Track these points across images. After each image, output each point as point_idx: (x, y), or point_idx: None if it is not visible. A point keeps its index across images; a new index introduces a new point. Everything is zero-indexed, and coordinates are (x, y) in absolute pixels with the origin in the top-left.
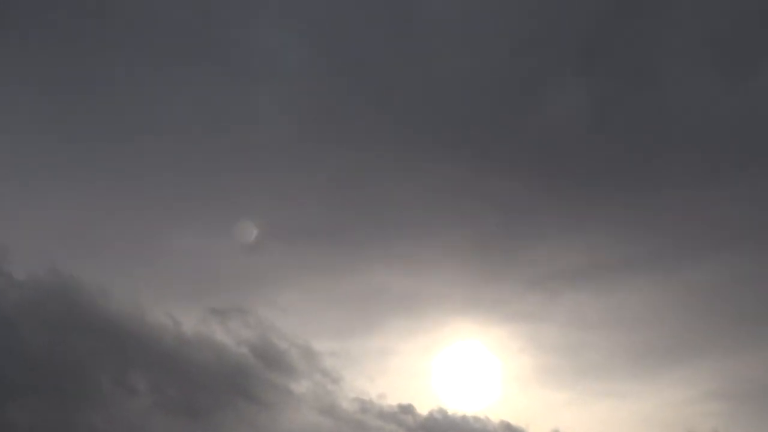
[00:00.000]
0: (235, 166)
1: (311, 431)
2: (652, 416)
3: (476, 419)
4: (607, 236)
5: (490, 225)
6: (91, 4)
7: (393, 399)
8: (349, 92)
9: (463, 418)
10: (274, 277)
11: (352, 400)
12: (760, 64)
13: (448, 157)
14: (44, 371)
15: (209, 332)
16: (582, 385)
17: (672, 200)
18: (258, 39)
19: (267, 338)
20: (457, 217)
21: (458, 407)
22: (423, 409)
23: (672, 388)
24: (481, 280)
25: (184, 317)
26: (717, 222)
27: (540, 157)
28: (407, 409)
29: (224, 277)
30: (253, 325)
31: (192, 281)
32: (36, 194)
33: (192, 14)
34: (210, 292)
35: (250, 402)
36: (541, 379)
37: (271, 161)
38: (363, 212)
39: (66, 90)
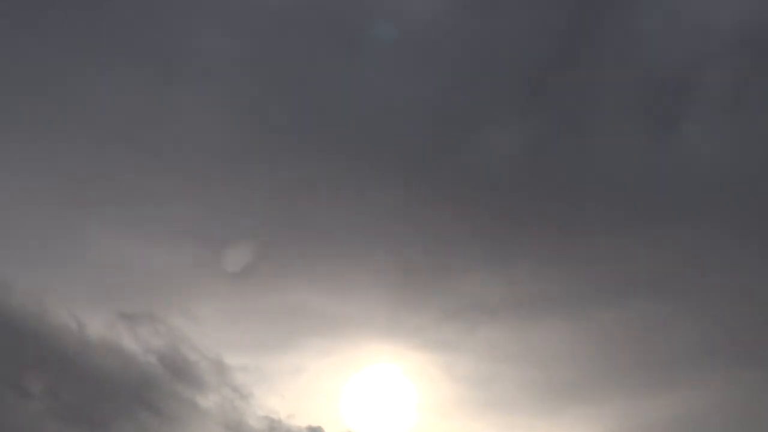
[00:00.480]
0: (161, 169)
1: None
2: None
3: None
4: (528, 274)
5: (417, 252)
6: None
7: (303, 420)
8: (285, 107)
9: None
10: (191, 286)
11: (260, 419)
12: (682, 120)
13: (381, 182)
14: None
15: (116, 337)
16: (490, 417)
17: (593, 245)
18: (194, 38)
19: (177, 348)
20: (384, 242)
21: None
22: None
23: (574, 426)
24: (403, 305)
25: (91, 319)
26: (633, 270)
27: (471, 191)
28: (315, 431)
29: (138, 281)
30: (164, 334)
31: (103, 282)
32: None
33: (132, 13)
34: (121, 296)
35: (153, 413)
36: (452, 409)
37: (199, 166)
38: (290, 228)
39: None
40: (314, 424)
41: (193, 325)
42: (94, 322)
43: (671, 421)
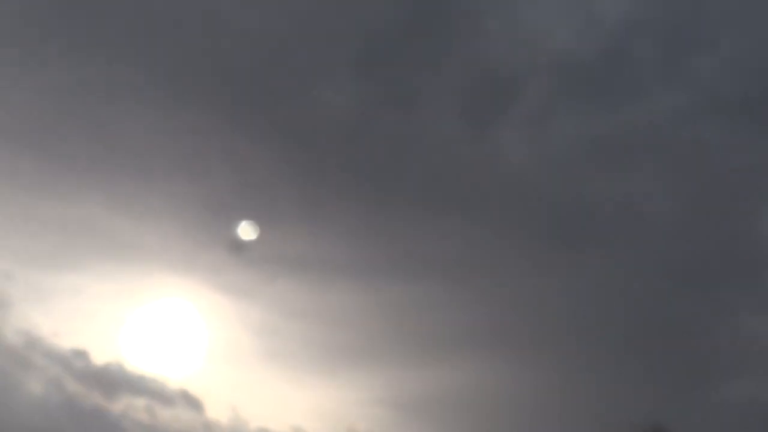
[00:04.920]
0: None
1: None
2: (321, 409)
3: (154, 380)
4: (333, 236)
5: (225, 187)
6: None
7: (68, 341)
8: (101, 15)
9: (141, 377)
10: None
11: (17, 332)
12: (498, 122)
13: (198, 107)
14: None
15: None
16: (273, 369)
17: (397, 221)
18: None
19: None
20: (191, 170)
21: (141, 365)
22: (100, 358)
23: (346, 388)
24: (203, 241)
25: None
26: (427, 251)
27: (294, 142)
28: (81, 355)
29: None
30: None
31: None
32: None
33: None
34: None
35: None
36: (239, 355)
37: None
38: (90, 136)
39: None
40: (80, 347)
41: None
42: None
43: (431, 392)
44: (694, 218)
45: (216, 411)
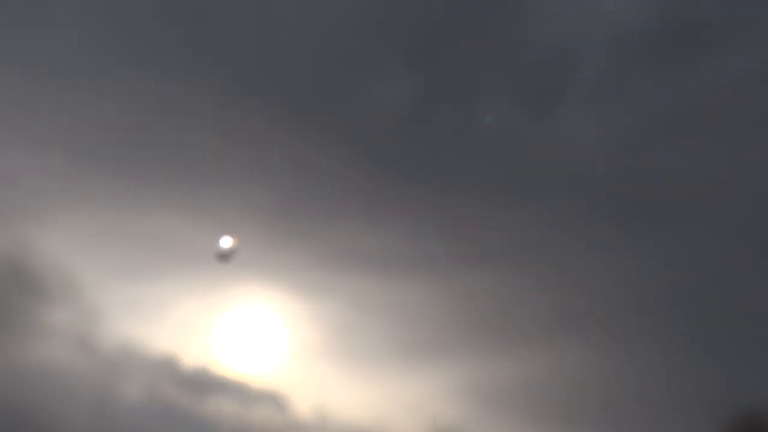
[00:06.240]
0: (23, 64)
1: (61, 366)
2: (404, 401)
3: (241, 382)
4: (402, 231)
5: (291, 191)
6: None
7: (160, 348)
8: (164, 25)
9: (229, 379)
10: (48, 192)
11: (113, 341)
12: (559, 105)
13: (260, 110)
14: None
15: None
16: (351, 365)
17: (468, 211)
18: None
19: (23, 255)
20: (258, 175)
21: (227, 368)
22: (189, 363)
23: (427, 380)
24: (277, 245)
25: None
26: (501, 239)
27: (353, 142)
28: (171, 361)
29: None
30: (9, 238)
31: None
32: None
33: None
34: None
35: None
36: (316, 353)
37: (65, 71)
38: (163, 150)
39: None
40: (171, 353)
41: (47, 233)
42: None
43: (513, 382)
44: None
45: (300, 407)
